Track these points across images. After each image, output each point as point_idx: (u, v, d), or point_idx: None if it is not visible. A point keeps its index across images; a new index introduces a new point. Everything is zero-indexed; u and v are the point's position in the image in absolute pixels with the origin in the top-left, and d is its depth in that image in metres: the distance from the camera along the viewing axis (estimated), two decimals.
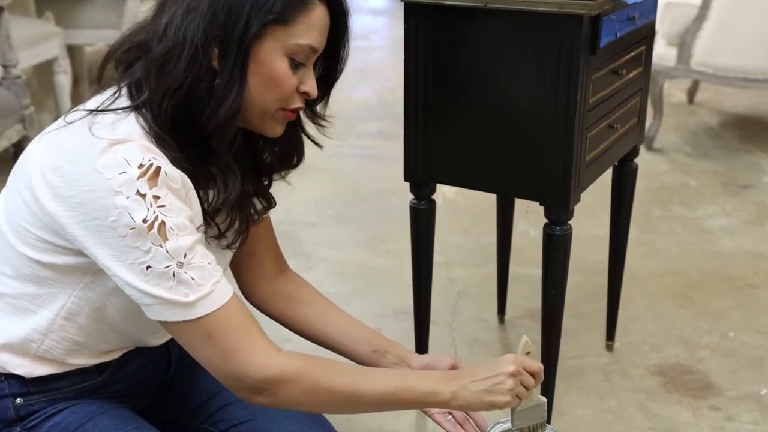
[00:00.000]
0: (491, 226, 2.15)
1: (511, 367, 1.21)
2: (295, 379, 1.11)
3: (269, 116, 1.18)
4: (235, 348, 1.10)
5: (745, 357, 1.98)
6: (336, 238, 2.69)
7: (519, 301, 2.22)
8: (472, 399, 1.19)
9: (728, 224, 2.76)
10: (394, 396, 1.16)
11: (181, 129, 1.14)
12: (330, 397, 1.14)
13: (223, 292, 1.11)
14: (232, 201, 1.19)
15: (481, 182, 1.55)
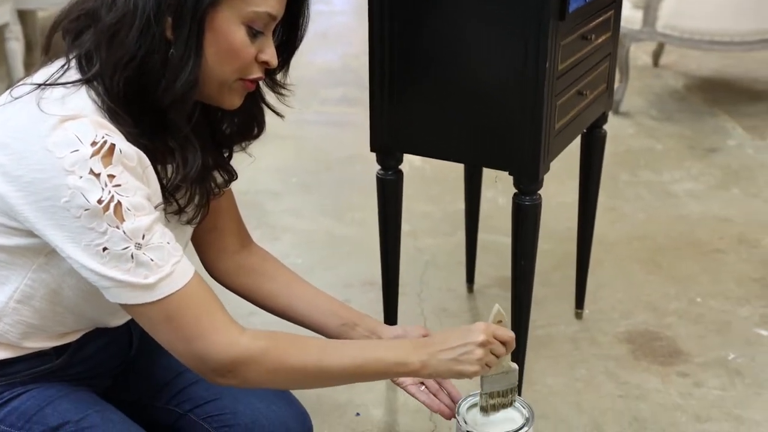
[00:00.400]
0: (459, 194, 2.12)
1: (480, 336, 1.19)
2: (259, 359, 1.09)
3: (227, 88, 1.14)
4: (197, 330, 1.07)
5: (713, 322, 1.98)
6: (301, 207, 2.65)
7: (488, 270, 2.20)
8: (440, 368, 1.18)
9: (694, 188, 2.76)
10: (362, 368, 1.14)
11: (136, 103, 1.09)
12: (297, 375, 1.13)
13: (184, 273, 1.07)
14: (192, 176, 1.15)
15: (449, 152, 1.51)
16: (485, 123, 1.44)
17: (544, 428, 1.61)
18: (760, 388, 1.74)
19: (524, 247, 1.52)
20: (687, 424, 1.63)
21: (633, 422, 1.63)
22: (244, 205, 1.43)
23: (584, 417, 1.65)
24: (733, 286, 2.15)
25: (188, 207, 1.19)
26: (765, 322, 1.98)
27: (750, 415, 1.66)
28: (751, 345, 1.89)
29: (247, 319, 1.95)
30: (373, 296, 2.09)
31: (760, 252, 2.33)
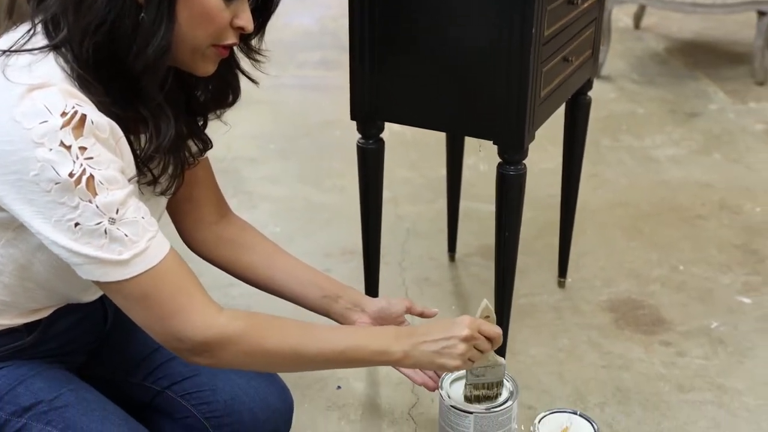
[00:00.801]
0: (440, 160, 2.08)
1: (465, 331, 1.18)
2: (236, 341, 1.06)
3: (200, 54, 1.09)
4: (173, 308, 1.04)
5: (695, 290, 1.97)
6: (279, 174, 2.60)
7: (469, 239, 2.18)
8: (422, 359, 1.17)
9: (676, 153, 2.75)
10: (342, 355, 1.12)
11: (106, 70, 1.04)
12: (274, 358, 1.10)
13: (160, 249, 1.04)
14: (166, 146, 1.10)
15: (432, 121, 1.47)
16: (469, 91, 1.40)
17: (527, 399, 1.59)
18: (742, 356, 1.74)
19: (508, 217, 1.49)
20: (670, 393, 1.62)
21: (616, 392, 1.62)
22: (220, 172, 1.39)
23: (567, 387, 1.63)
24: (715, 253, 2.14)
25: (162, 177, 1.15)
26: (747, 289, 1.98)
27: (732, 384, 1.65)
28: (734, 313, 1.88)
29: (227, 291, 1.92)
30: (353, 265, 2.06)
31: (742, 218, 2.32)
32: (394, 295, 1.94)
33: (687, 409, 1.58)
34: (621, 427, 1.53)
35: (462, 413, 1.35)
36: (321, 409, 1.58)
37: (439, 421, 1.41)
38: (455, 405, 1.35)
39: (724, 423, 1.55)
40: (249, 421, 1.29)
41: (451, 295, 1.96)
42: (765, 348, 1.76)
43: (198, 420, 1.31)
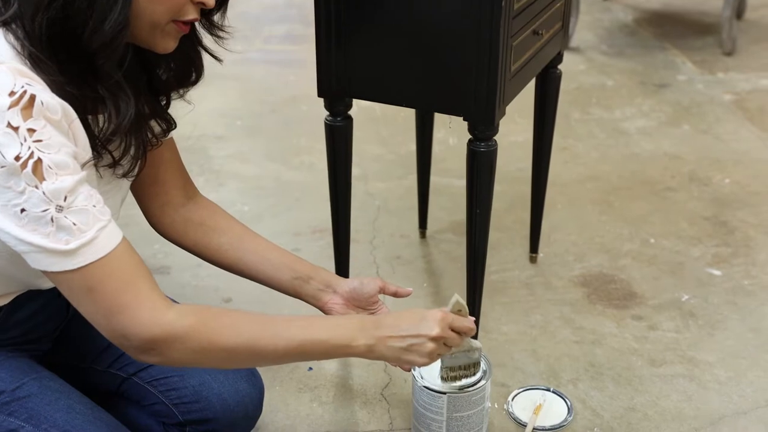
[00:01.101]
0: (410, 135, 2.06)
1: (435, 329, 1.14)
2: (185, 338, 1.01)
3: (160, 30, 1.05)
4: (119, 303, 0.99)
5: (666, 263, 1.97)
6: (247, 151, 2.56)
7: (441, 215, 2.16)
8: (388, 354, 1.13)
9: (646, 125, 2.74)
10: (300, 349, 1.08)
11: (61, 47, 1.00)
12: (226, 355, 1.05)
13: (110, 239, 0.99)
14: (126, 126, 1.07)
15: (401, 98, 1.44)
16: (438, 67, 1.37)
17: (500, 377, 1.58)
18: (712, 329, 1.74)
19: (480, 194, 1.46)
20: (642, 368, 1.62)
21: (589, 368, 1.62)
22: (186, 150, 1.35)
23: (540, 364, 1.63)
24: (686, 226, 2.14)
25: (124, 159, 1.11)
26: (717, 261, 1.98)
27: (703, 356, 1.66)
28: (704, 285, 1.89)
29: (195, 271, 1.89)
30: (323, 244, 2.03)
31: (711, 190, 2.32)
32: (366, 274, 1.92)
33: (659, 383, 1.58)
34: (594, 402, 1.53)
35: (435, 394, 1.33)
36: (292, 391, 1.56)
37: (412, 401, 1.39)
38: (428, 386, 1.34)
39: (696, 396, 1.55)
40: (219, 406, 1.27)
41: (423, 272, 1.94)
42: (735, 320, 1.77)
43: (166, 406, 1.28)
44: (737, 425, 1.48)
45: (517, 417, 1.48)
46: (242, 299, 1.81)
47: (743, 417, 1.50)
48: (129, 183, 1.22)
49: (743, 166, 2.47)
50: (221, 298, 1.83)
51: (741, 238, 2.07)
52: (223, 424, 1.28)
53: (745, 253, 2.01)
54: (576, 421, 1.48)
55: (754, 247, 2.04)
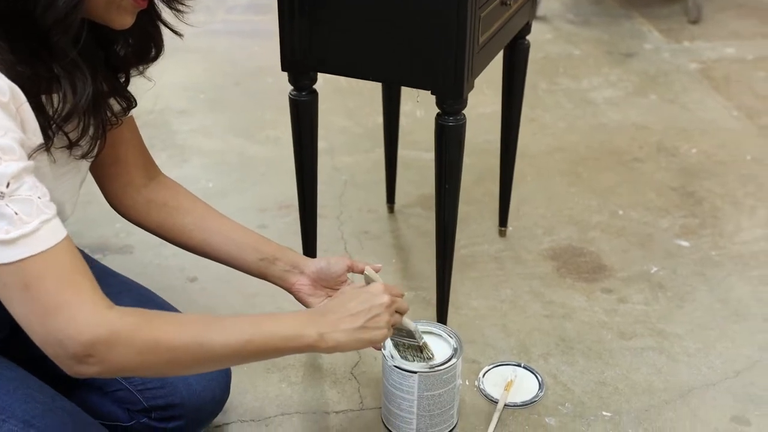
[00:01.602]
0: (377, 107, 2.02)
1: (385, 297, 1.13)
2: (127, 340, 0.93)
3: (115, 5, 1.00)
4: (56, 303, 0.91)
5: (634, 235, 1.97)
6: (210, 125, 2.51)
7: (409, 188, 2.13)
8: (344, 339, 1.09)
9: (613, 95, 2.73)
10: (251, 345, 1.02)
11: (11, 24, 0.95)
12: (173, 356, 0.97)
13: (53, 234, 0.93)
14: (83, 106, 1.02)
15: (367, 71, 1.41)
16: (404, 39, 1.34)
17: (471, 353, 1.57)
18: (681, 301, 1.74)
19: (449, 169, 1.44)
20: (612, 341, 1.62)
21: (560, 342, 1.61)
22: (148, 125, 1.31)
23: (511, 339, 1.62)
24: (653, 197, 2.14)
25: (82, 140, 1.07)
26: (685, 232, 1.98)
27: (672, 329, 1.66)
28: (672, 257, 1.89)
29: (159, 250, 1.85)
30: (290, 220, 2.00)
31: (678, 160, 2.32)
32: (333, 249, 1.89)
33: (629, 357, 1.58)
34: (565, 377, 1.53)
35: (406, 373, 1.32)
36: (260, 371, 1.53)
37: (383, 381, 1.38)
38: (399, 365, 1.32)
39: (666, 368, 1.55)
40: (185, 391, 1.24)
41: (392, 247, 1.91)
42: (703, 291, 1.77)
43: (130, 392, 1.25)
44: (706, 397, 1.48)
45: (488, 394, 1.48)
46: (208, 278, 1.78)
47: (712, 388, 1.50)
48: (88, 164, 1.18)
49: (709, 135, 2.47)
50: (186, 278, 1.79)
51: (708, 209, 2.08)
52: (189, 409, 1.25)
53: (713, 223, 2.02)
54: (547, 396, 1.48)
55: (721, 217, 2.04)
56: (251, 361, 1.09)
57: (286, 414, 1.44)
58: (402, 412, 1.36)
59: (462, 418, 1.42)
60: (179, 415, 1.25)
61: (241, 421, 1.42)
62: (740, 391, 1.50)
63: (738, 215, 2.05)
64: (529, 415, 1.44)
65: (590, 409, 1.45)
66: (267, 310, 1.65)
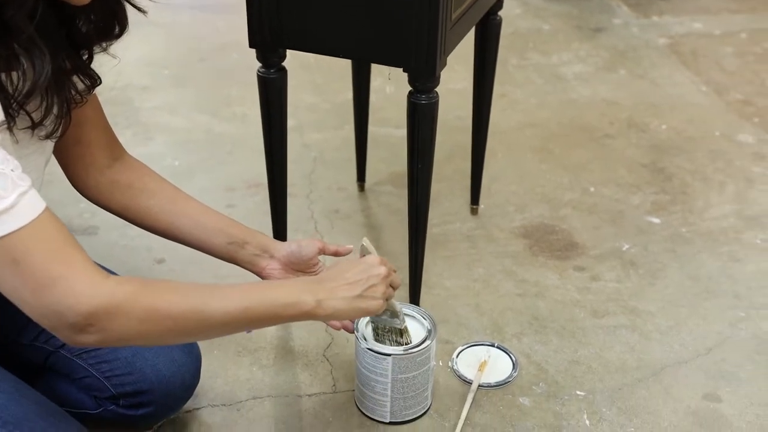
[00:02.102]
0: (346, 83, 1.98)
1: (382, 269, 1.13)
2: (128, 308, 0.93)
3: None
4: (50, 276, 0.90)
5: (606, 212, 1.97)
6: (175, 102, 2.45)
7: (379, 166, 2.10)
8: (342, 306, 1.09)
9: (583, 71, 2.72)
10: (250, 312, 1.02)
11: None
12: (173, 324, 0.97)
13: (32, 206, 0.91)
14: (43, 84, 0.98)
15: (338, 48, 1.37)
16: (376, 16, 1.30)
17: (444, 334, 1.56)
18: (653, 278, 1.74)
19: (422, 148, 1.41)
20: (585, 320, 1.61)
21: (533, 321, 1.61)
22: (111, 102, 1.27)
23: (484, 319, 1.61)
24: (624, 173, 2.13)
25: (46, 120, 1.03)
26: (656, 209, 1.98)
27: (644, 306, 1.66)
28: (644, 234, 1.89)
29: (123, 231, 1.80)
30: (259, 199, 1.96)
31: (648, 136, 2.32)
32: (303, 229, 1.87)
33: (602, 335, 1.58)
34: (538, 357, 1.52)
35: (380, 356, 1.30)
36: (231, 355, 1.51)
37: (356, 363, 1.36)
38: (372, 348, 1.30)
39: (638, 346, 1.55)
40: (153, 377, 1.22)
41: (363, 227, 1.89)
42: (674, 268, 1.77)
43: (97, 380, 1.22)
44: (678, 374, 1.49)
45: (462, 374, 1.46)
46: (175, 260, 1.74)
47: (684, 366, 1.51)
48: (52, 144, 1.14)
49: (678, 110, 2.47)
50: (153, 259, 1.76)
51: (678, 185, 2.08)
52: (158, 396, 1.23)
53: (683, 200, 2.02)
54: (521, 376, 1.47)
55: (691, 194, 2.04)
56: (253, 328, 1.09)
57: (257, 398, 1.41)
58: (376, 395, 1.34)
59: (436, 399, 1.41)
60: (148, 401, 1.22)
61: (212, 405, 1.40)
62: (712, 368, 1.50)
63: (707, 191, 2.05)
64: (503, 395, 1.43)
65: (564, 388, 1.45)
66: None
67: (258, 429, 1.35)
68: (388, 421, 1.36)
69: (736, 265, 1.78)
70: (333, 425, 1.36)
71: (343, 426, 1.36)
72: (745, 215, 1.96)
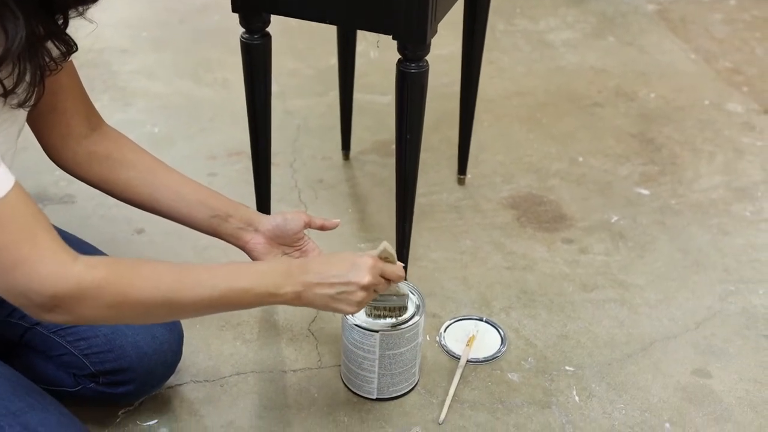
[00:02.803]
0: (328, 47, 1.93)
1: (366, 278, 1.07)
2: (95, 294, 0.90)
3: None
4: (16, 257, 0.87)
5: (594, 183, 1.94)
6: (153, 66, 2.39)
7: (364, 134, 2.06)
8: (317, 302, 1.06)
9: (571, 37, 2.67)
10: (224, 299, 0.98)
11: None
12: (144, 310, 0.94)
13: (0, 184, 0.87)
14: (16, 50, 0.93)
15: (325, 14, 1.32)
16: None
17: (432, 307, 1.53)
18: (642, 250, 1.72)
19: (410, 118, 1.37)
20: (574, 293, 1.59)
21: (521, 295, 1.58)
22: (87, 65, 1.21)
23: (472, 292, 1.58)
24: (613, 143, 2.10)
25: (18, 87, 0.98)
26: (644, 180, 1.95)
27: (633, 279, 1.64)
28: (633, 205, 1.86)
29: (102, 200, 1.75)
30: (241, 168, 1.92)
31: (637, 105, 2.29)
32: (287, 199, 1.82)
33: (591, 309, 1.56)
34: (527, 331, 1.50)
35: (367, 332, 1.27)
36: (214, 329, 1.47)
37: (342, 339, 1.33)
38: (360, 324, 1.27)
39: (627, 321, 1.53)
40: (134, 355, 1.18)
41: (348, 197, 1.85)
42: (663, 241, 1.75)
43: (76, 357, 1.18)
44: (668, 349, 1.47)
45: (450, 350, 1.44)
46: (156, 231, 1.69)
47: (673, 341, 1.49)
48: (25, 113, 1.09)
49: (667, 79, 2.44)
50: (133, 230, 1.71)
51: (667, 156, 2.05)
52: (139, 373, 1.19)
53: (672, 171, 1.99)
54: (510, 351, 1.45)
55: (680, 164, 2.02)
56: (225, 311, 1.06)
57: (241, 373, 1.38)
58: (363, 371, 1.31)
59: (423, 375, 1.39)
60: (128, 380, 1.19)
61: (195, 381, 1.36)
62: (701, 342, 1.49)
63: (696, 162, 2.03)
64: (491, 370, 1.41)
65: (553, 363, 1.42)
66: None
67: (242, 405, 1.32)
68: (374, 398, 1.33)
69: (726, 238, 1.76)
70: (318, 401, 1.33)
71: (328, 402, 1.33)
72: (734, 186, 1.94)
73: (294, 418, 1.30)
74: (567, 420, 1.31)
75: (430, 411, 1.32)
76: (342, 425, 1.29)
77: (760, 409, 1.35)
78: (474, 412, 1.32)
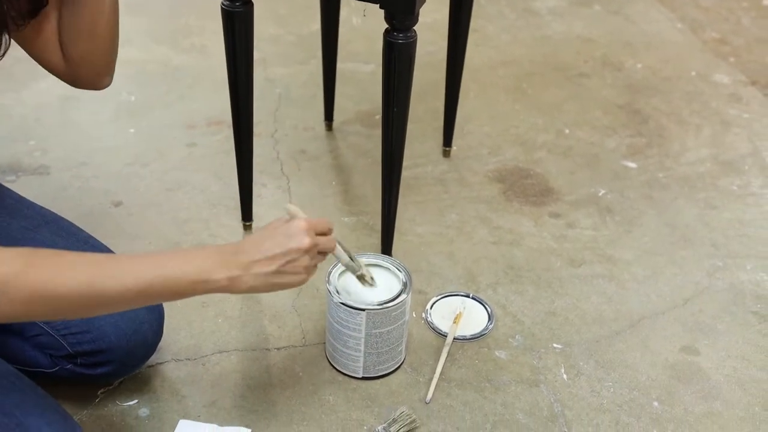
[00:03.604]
0: (310, 13, 1.88)
1: (305, 240, 1.00)
2: (9, 288, 0.83)
3: None
4: None
5: (581, 156, 1.91)
6: (129, 32, 2.31)
7: (347, 104, 2.01)
8: (257, 283, 0.98)
9: (557, 5, 2.63)
10: (150, 290, 0.91)
11: None
12: (65, 304, 0.87)
13: None
14: None
15: None
16: None
17: (418, 283, 1.50)
18: (629, 225, 1.70)
19: (397, 90, 1.33)
20: (562, 269, 1.57)
21: (508, 270, 1.56)
22: None
23: (458, 268, 1.55)
24: (600, 114, 2.07)
25: None
26: (632, 153, 1.93)
27: (621, 254, 1.62)
28: (620, 179, 1.84)
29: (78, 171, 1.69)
30: (221, 138, 1.87)
31: (624, 75, 2.26)
32: (269, 171, 1.78)
33: (579, 285, 1.53)
34: (515, 308, 1.47)
35: (353, 311, 1.24)
36: (195, 307, 1.43)
37: (327, 316, 1.30)
38: (346, 302, 1.24)
39: (615, 297, 1.51)
40: (113, 335, 1.14)
41: (331, 169, 1.81)
42: (650, 215, 1.73)
43: (52, 337, 1.14)
44: (656, 326, 1.45)
45: (436, 327, 1.41)
46: (134, 202, 1.65)
47: (661, 317, 1.48)
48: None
49: (654, 49, 2.40)
50: (111, 202, 1.66)
51: (654, 128, 2.03)
52: (119, 354, 1.15)
53: (659, 143, 1.97)
54: (497, 328, 1.43)
55: (668, 137, 2.00)
56: (152, 303, 0.99)
57: (223, 351, 1.35)
58: (348, 350, 1.29)
59: (410, 353, 1.36)
60: (107, 360, 1.15)
61: (176, 360, 1.33)
62: (689, 319, 1.47)
63: (684, 134, 2.01)
64: (479, 348, 1.38)
65: (541, 341, 1.41)
66: (200, 238, 1.54)
67: (224, 384, 1.29)
68: (360, 377, 1.31)
69: (713, 213, 1.75)
70: (303, 380, 1.30)
71: (313, 381, 1.30)
72: (721, 160, 1.92)
73: (278, 397, 1.27)
74: (555, 398, 1.29)
75: (417, 390, 1.29)
76: (327, 404, 1.26)
77: (747, 386, 1.34)
78: (461, 391, 1.30)
